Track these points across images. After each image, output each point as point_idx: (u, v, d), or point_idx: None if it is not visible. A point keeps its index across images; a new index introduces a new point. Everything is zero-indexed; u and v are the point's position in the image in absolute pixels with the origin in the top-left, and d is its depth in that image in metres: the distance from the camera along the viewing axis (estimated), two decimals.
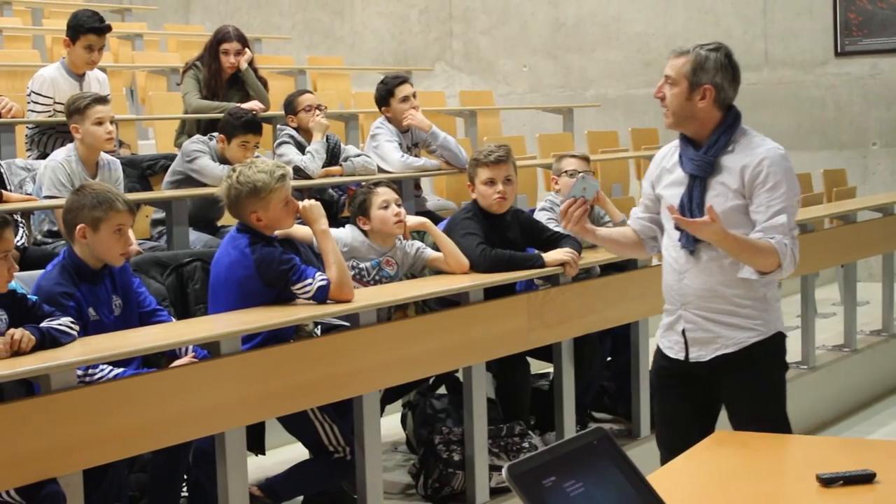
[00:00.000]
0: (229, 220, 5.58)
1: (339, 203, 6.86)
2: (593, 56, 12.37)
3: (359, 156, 6.96)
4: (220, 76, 7.38)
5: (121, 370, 4.09)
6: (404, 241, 5.20)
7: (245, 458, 4.25)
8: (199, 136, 6.59)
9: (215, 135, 6.33)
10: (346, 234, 5.12)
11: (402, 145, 7.09)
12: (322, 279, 4.46)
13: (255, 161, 4.70)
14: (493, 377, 5.57)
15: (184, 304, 5.00)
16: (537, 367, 5.93)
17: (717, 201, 3.74)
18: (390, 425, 5.76)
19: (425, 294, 4.93)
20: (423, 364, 4.92)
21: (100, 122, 5.64)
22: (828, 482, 2.71)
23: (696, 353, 3.88)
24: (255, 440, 4.71)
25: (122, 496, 4.19)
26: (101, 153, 5.78)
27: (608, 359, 6.15)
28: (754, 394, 3.87)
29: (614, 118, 11.80)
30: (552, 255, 5.23)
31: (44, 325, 3.83)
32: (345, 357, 4.51)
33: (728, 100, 3.81)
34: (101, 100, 5.75)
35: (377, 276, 5.09)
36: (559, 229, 5.31)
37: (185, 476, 4.50)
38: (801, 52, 11.46)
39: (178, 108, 7.74)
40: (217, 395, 4.10)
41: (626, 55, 12.12)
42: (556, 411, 5.53)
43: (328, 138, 6.92)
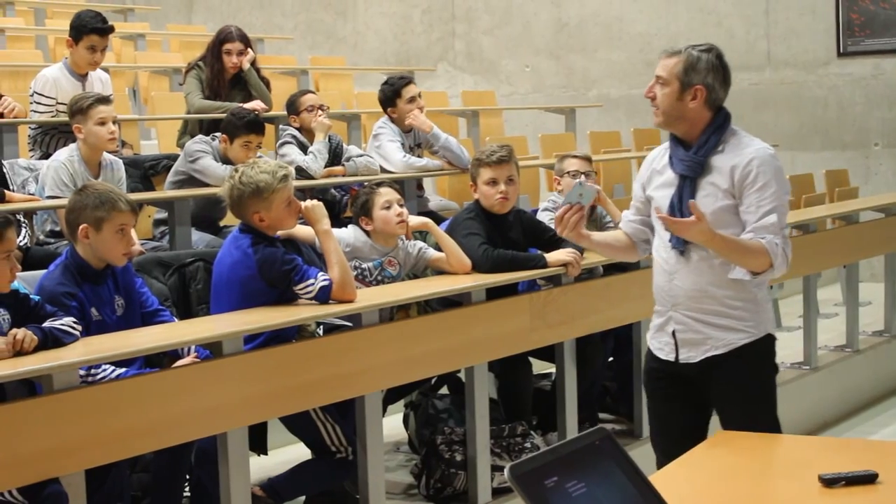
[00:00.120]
0: (232, 220, 5.60)
1: (342, 203, 6.86)
2: (596, 56, 12.37)
3: (361, 156, 6.96)
4: (223, 76, 7.38)
5: (123, 370, 4.10)
6: (406, 241, 5.20)
7: (247, 458, 4.25)
8: (201, 136, 6.59)
9: (218, 135, 6.33)
10: (349, 234, 5.12)
11: (404, 145, 7.08)
12: (324, 279, 4.46)
13: (258, 161, 4.70)
14: (496, 377, 5.57)
15: (186, 305, 5.00)
16: (539, 367, 5.93)
17: (707, 201, 3.73)
18: (392, 425, 5.77)
19: (427, 294, 4.94)
20: (425, 364, 4.92)
21: (102, 122, 5.64)
22: (830, 483, 2.72)
23: (686, 354, 3.86)
24: (258, 440, 4.71)
25: (125, 496, 4.19)
26: (104, 153, 5.78)
27: (610, 359, 6.16)
28: (744, 395, 3.85)
29: (616, 118, 11.80)
30: (554, 256, 5.22)
31: (46, 325, 3.84)
32: (347, 357, 4.51)
33: (719, 101, 3.80)
34: (104, 100, 5.75)
35: (379, 277, 5.09)
36: None
37: (188, 476, 4.50)
38: (803, 53, 11.46)
39: (180, 109, 7.74)
40: (219, 395, 4.10)
41: (628, 55, 12.12)
42: (558, 411, 5.53)
43: (330, 138, 6.92)
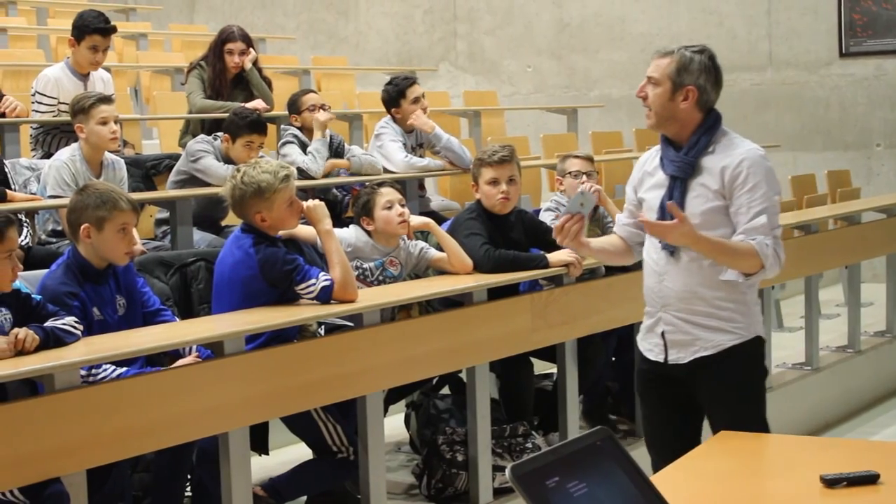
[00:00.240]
0: (233, 219, 5.59)
1: (343, 203, 6.86)
2: (597, 56, 12.37)
3: (365, 155, 6.96)
4: (225, 76, 7.38)
5: (124, 369, 4.09)
6: (408, 241, 5.20)
7: (248, 458, 4.25)
8: (203, 135, 6.59)
9: (220, 134, 6.33)
10: (350, 234, 5.12)
11: (406, 145, 7.08)
12: (326, 279, 4.46)
13: (260, 161, 4.70)
14: (497, 377, 5.57)
15: (187, 304, 5.00)
16: (541, 367, 5.93)
17: (697, 202, 3.73)
18: (394, 425, 5.77)
19: (429, 294, 4.93)
20: (426, 364, 4.92)
21: (104, 122, 5.64)
22: (831, 483, 2.71)
23: (675, 355, 3.86)
24: (259, 440, 4.71)
25: (126, 496, 4.19)
26: (106, 153, 5.78)
27: (613, 359, 6.15)
28: (732, 397, 3.83)
29: (618, 118, 11.80)
30: (556, 256, 5.22)
31: (48, 324, 3.84)
32: (348, 357, 4.51)
33: (710, 102, 3.80)
34: (106, 99, 5.75)
35: (381, 277, 5.09)
36: None
37: (189, 476, 4.50)
38: (805, 53, 11.45)
39: (182, 108, 7.75)
40: (220, 394, 4.10)
41: (630, 55, 12.11)
42: (559, 411, 5.52)
43: (332, 138, 6.92)
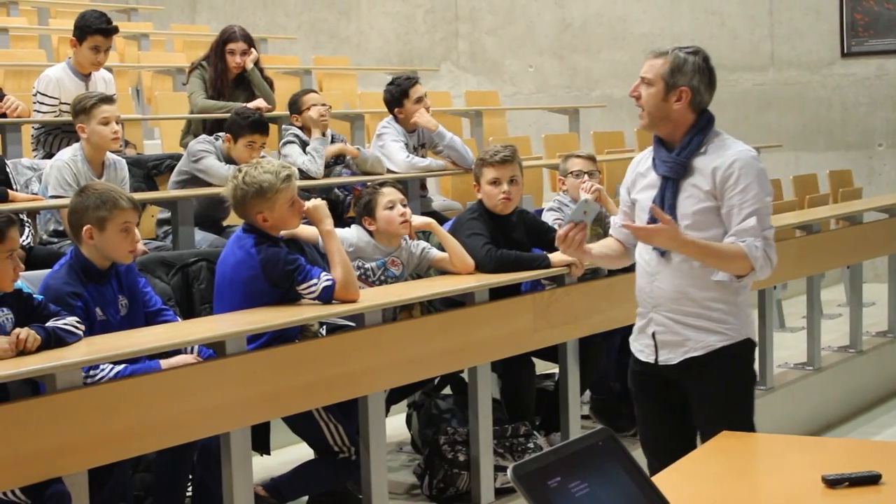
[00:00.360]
0: (235, 219, 5.59)
1: (345, 203, 6.86)
2: (599, 56, 12.36)
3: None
4: (226, 76, 7.38)
5: (122, 367, 4.08)
6: (410, 241, 5.20)
7: (250, 458, 4.25)
8: (204, 135, 6.59)
9: (221, 135, 6.33)
10: (352, 234, 5.12)
11: (408, 146, 7.08)
12: (327, 279, 4.46)
13: (261, 161, 4.69)
14: (499, 377, 5.57)
15: (189, 304, 5.00)
16: (542, 367, 5.92)
17: (689, 203, 3.74)
18: (395, 425, 5.76)
19: (431, 294, 4.93)
20: (428, 364, 4.92)
21: (106, 122, 5.64)
22: (833, 483, 2.71)
23: (666, 356, 3.85)
24: (261, 440, 4.71)
25: (127, 496, 4.19)
26: (107, 153, 5.78)
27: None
28: (719, 398, 3.82)
29: (620, 118, 11.79)
30: (558, 256, 5.21)
31: (49, 324, 3.84)
32: (350, 357, 4.51)
33: (703, 104, 3.80)
34: (107, 99, 5.75)
35: (382, 277, 5.09)
36: None
37: (190, 476, 4.50)
38: (807, 53, 11.45)
39: (183, 108, 7.75)
40: (222, 394, 4.10)
41: (631, 56, 12.10)
42: (561, 411, 5.52)
43: (333, 137, 6.92)
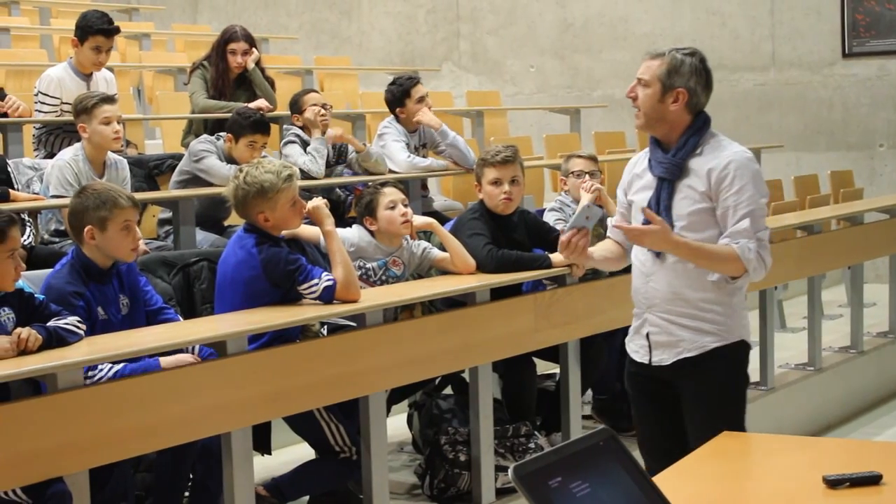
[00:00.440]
0: (236, 219, 5.60)
1: (346, 203, 6.86)
2: (600, 56, 12.36)
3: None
4: (228, 76, 7.38)
5: (121, 366, 4.07)
6: (411, 241, 5.20)
7: (251, 458, 4.25)
8: (206, 135, 6.59)
9: (222, 134, 6.33)
10: (353, 234, 5.12)
11: (409, 146, 7.08)
12: (328, 279, 4.46)
13: (263, 161, 4.69)
14: (499, 377, 5.57)
15: (190, 304, 5.00)
16: (543, 367, 5.92)
17: (684, 204, 3.75)
18: (396, 425, 5.76)
19: (432, 294, 4.93)
20: (429, 364, 4.92)
21: (107, 122, 5.64)
22: (834, 484, 2.71)
23: (659, 356, 3.85)
24: (262, 440, 4.71)
25: (128, 496, 4.19)
26: (109, 152, 5.78)
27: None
28: (711, 399, 3.82)
29: (621, 118, 11.78)
30: (559, 256, 5.19)
31: (50, 324, 3.84)
32: (351, 357, 4.51)
33: (700, 105, 3.81)
34: (109, 99, 5.75)
35: (384, 277, 5.09)
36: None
37: (191, 476, 4.50)
38: (808, 53, 11.45)
39: (185, 108, 7.75)
40: (223, 394, 4.10)
41: (633, 56, 12.08)
42: (562, 411, 5.52)
43: (339, 149, 6.93)
